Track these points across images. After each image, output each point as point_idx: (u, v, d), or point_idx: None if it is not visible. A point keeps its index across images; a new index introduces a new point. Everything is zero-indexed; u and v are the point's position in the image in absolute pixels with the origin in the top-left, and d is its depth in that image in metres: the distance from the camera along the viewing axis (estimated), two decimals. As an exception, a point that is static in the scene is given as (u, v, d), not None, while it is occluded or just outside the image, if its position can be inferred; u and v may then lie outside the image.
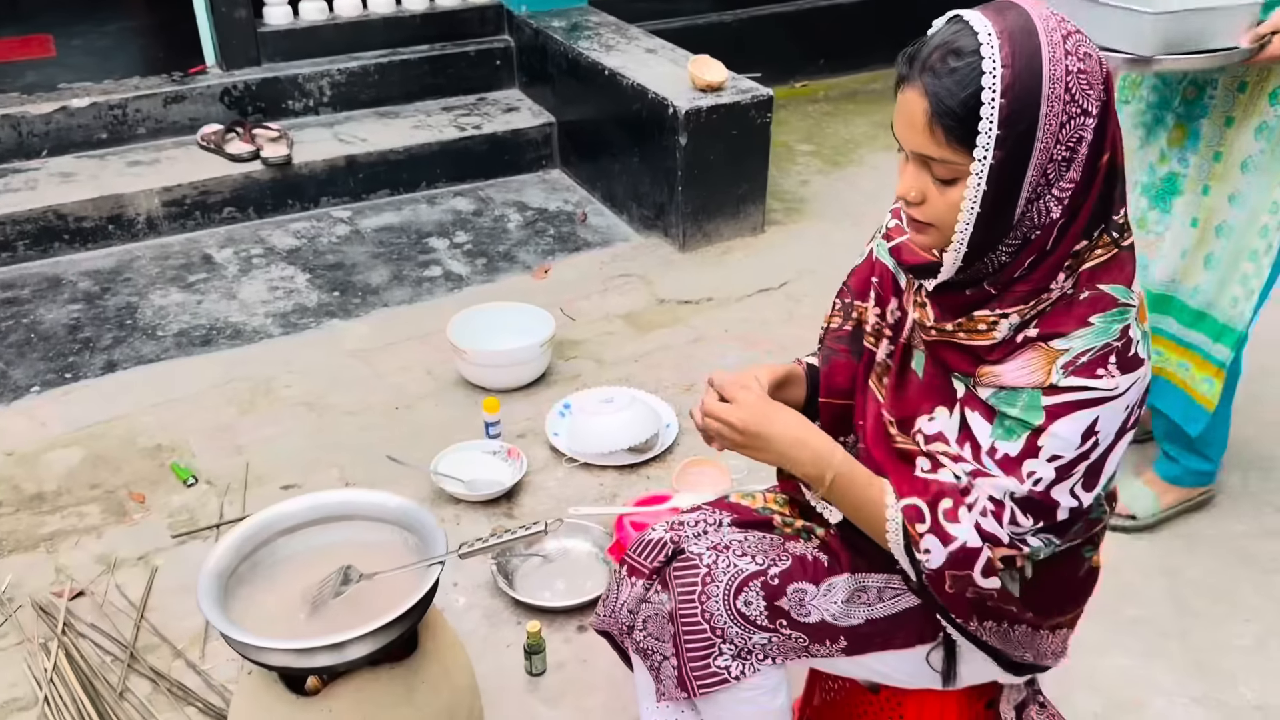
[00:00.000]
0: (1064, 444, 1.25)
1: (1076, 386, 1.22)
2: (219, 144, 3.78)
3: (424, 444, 2.66)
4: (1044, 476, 1.26)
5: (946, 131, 1.18)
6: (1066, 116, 1.16)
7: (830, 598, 1.46)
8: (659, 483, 2.55)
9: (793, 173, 4.18)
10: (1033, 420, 1.25)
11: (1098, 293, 1.24)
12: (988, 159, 1.17)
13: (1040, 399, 1.24)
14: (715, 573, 1.46)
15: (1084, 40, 1.18)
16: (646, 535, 1.59)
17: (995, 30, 1.16)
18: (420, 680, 1.64)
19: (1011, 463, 1.27)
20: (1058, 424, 1.24)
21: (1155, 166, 2.26)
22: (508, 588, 2.20)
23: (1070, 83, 1.16)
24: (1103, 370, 1.22)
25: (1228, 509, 2.48)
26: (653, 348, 3.08)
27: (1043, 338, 1.25)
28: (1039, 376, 1.24)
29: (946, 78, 1.17)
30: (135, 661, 2.08)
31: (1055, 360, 1.23)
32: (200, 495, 2.53)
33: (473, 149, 4.08)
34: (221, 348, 3.11)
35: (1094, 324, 1.23)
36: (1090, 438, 1.24)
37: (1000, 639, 1.44)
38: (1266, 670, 2.08)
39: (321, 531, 1.73)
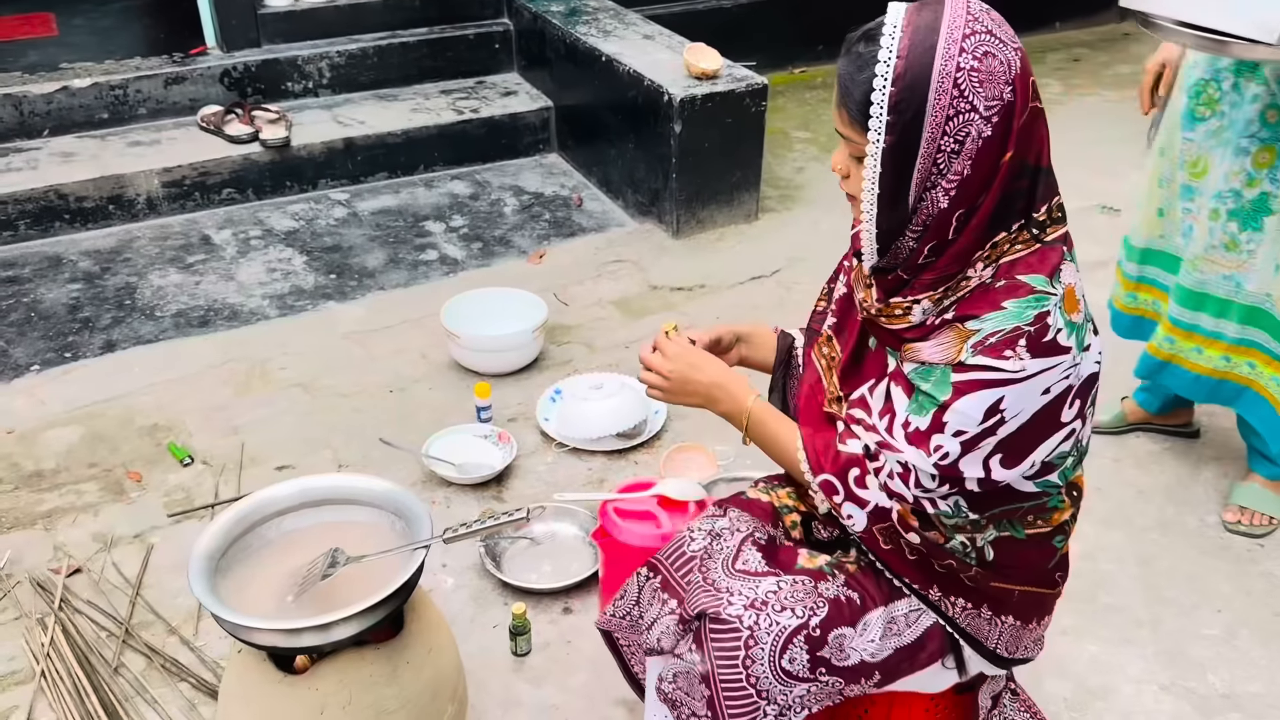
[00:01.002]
0: (966, 419, 1.30)
1: (982, 365, 1.28)
2: (218, 125, 3.81)
3: (417, 427, 2.71)
4: (950, 451, 1.33)
5: (849, 112, 1.28)
6: (954, 110, 1.21)
7: (867, 636, 1.48)
8: (646, 468, 2.59)
9: (788, 160, 4.20)
10: (940, 395, 1.31)
11: (1014, 282, 1.28)
12: (880, 142, 1.24)
13: (950, 375, 1.31)
14: (758, 634, 1.43)
15: (990, 42, 1.22)
16: (685, 548, 1.59)
17: (903, 23, 1.23)
18: (404, 660, 1.69)
19: (920, 436, 1.34)
20: (962, 400, 1.30)
21: (1243, 191, 2.23)
22: (495, 570, 2.25)
23: (960, 79, 1.20)
24: (1010, 352, 1.27)
25: (1204, 499, 2.52)
26: (644, 334, 3.12)
27: (958, 319, 1.31)
28: (951, 354, 1.31)
29: (853, 62, 1.27)
30: (130, 638, 2.13)
31: (967, 339, 1.29)
32: (196, 475, 2.58)
33: (470, 132, 4.10)
34: (219, 329, 3.15)
35: (1006, 308, 1.27)
36: (994, 415, 1.29)
37: (972, 622, 1.49)
38: (1234, 660, 2.13)
39: (311, 514, 1.78)
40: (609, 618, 1.70)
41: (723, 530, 1.62)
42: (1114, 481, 2.58)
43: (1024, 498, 1.40)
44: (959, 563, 1.45)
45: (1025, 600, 1.52)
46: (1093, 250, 3.59)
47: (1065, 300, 1.28)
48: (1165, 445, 2.69)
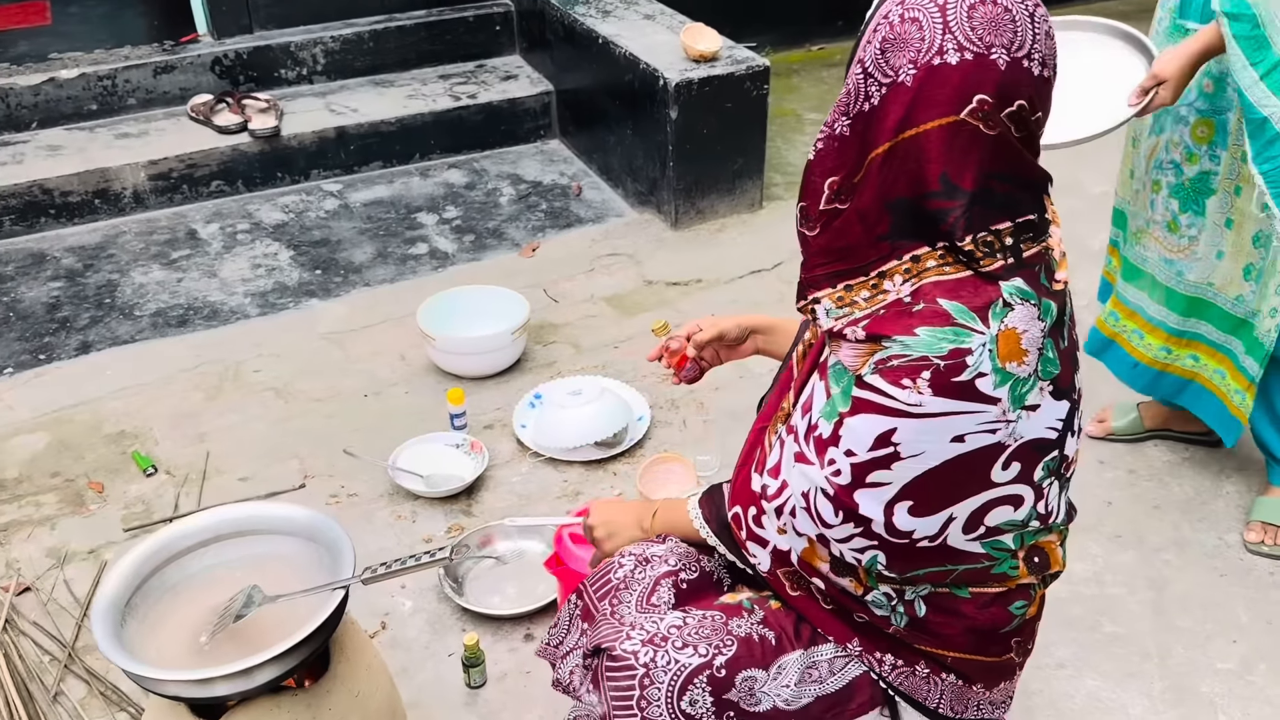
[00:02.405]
0: (856, 440, 1.16)
1: (875, 388, 1.13)
2: (208, 115, 3.71)
3: (389, 434, 2.59)
4: (842, 469, 1.18)
5: None
6: (861, 54, 1.10)
7: (781, 681, 1.35)
8: (625, 479, 2.45)
9: (799, 144, 4.02)
10: (841, 406, 1.17)
11: (932, 307, 1.11)
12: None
13: (853, 386, 1.16)
14: (654, 672, 1.32)
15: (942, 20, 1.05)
16: (611, 575, 1.49)
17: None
18: (326, 707, 1.57)
19: (821, 444, 1.20)
20: (856, 417, 1.15)
21: (1182, 166, 2.12)
22: (454, 594, 2.13)
23: (868, 53, 1.09)
24: (908, 381, 1.11)
25: (1225, 516, 2.34)
26: (634, 332, 2.98)
27: (870, 337, 1.15)
28: (857, 364, 1.16)
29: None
30: (73, 662, 2.05)
31: (872, 355, 1.14)
32: (158, 486, 2.48)
33: (468, 119, 3.97)
34: (197, 328, 3.06)
35: (918, 334, 1.11)
36: (885, 445, 1.14)
37: (905, 681, 1.34)
38: (1249, 698, 1.95)
39: (229, 547, 1.66)
40: (544, 646, 1.60)
41: (653, 557, 1.51)
42: (1127, 495, 2.40)
43: (963, 557, 1.23)
44: (876, 617, 1.31)
45: (966, 664, 1.35)
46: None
47: (999, 343, 1.10)
48: (1185, 455, 2.50)
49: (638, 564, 1.51)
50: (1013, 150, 1.08)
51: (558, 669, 1.51)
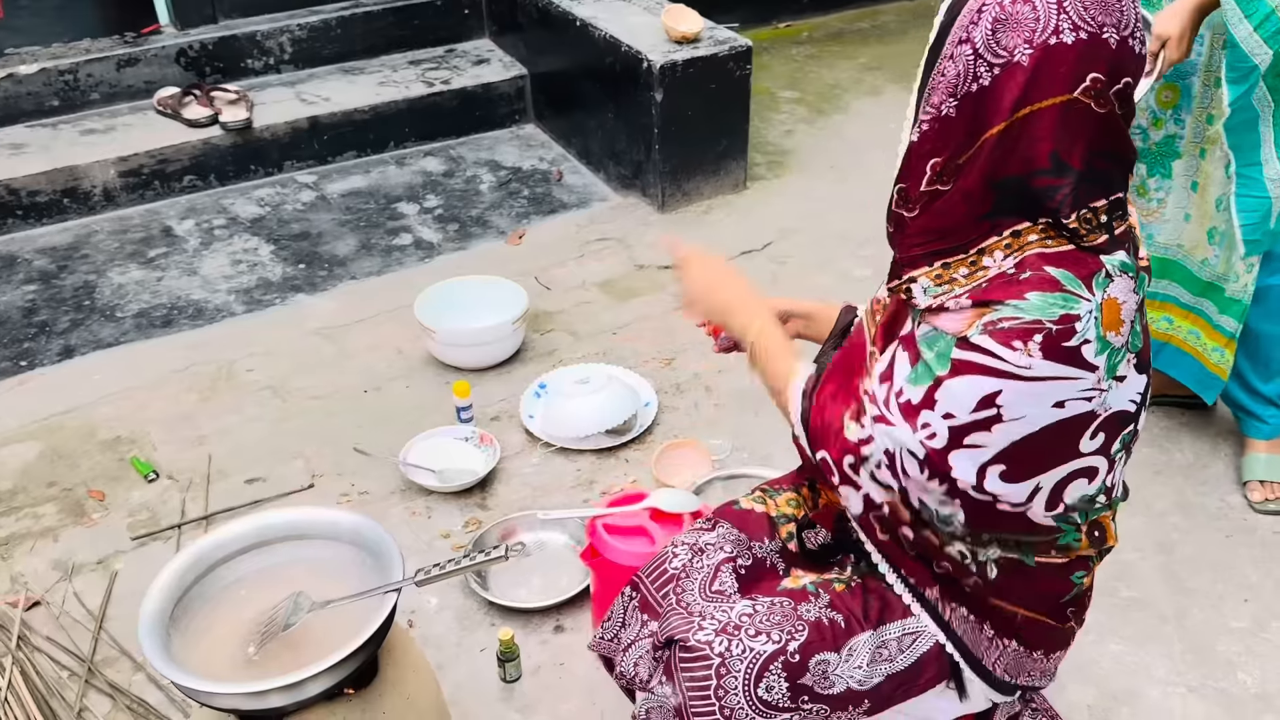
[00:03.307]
0: (957, 403, 1.16)
1: (983, 348, 1.13)
2: (176, 109, 3.62)
3: (394, 429, 2.56)
4: (937, 431, 1.18)
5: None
6: (964, 35, 1.09)
7: (853, 663, 1.36)
8: (638, 466, 2.45)
9: (776, 122, 4.02)
10: (938, 369, 1.17)
11: (1041, 274, 1.13)
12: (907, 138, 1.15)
13: (952, 349, 1.16)
14: (730, 661, 1.33)
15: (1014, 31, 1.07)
16: (666, 565, 1.50)
17: None
18: (380, 711, 1.56)
19: (911, 410, 1.20)
20: (957, 380, 1.15)
21: (1149, 131, 2.16)
22: (480, 588, 2.11)
23: (977, 33, 1.08)
24: (1019, 344, 1.12)
25: (1225, 478, 2.40)
26: (631, 318, 2.97)
27: (976, 304, 1.16)
28: (962, 327, 1.16)
29: None
30: (93, 676, 2.00)
31: (981, 318, 1.15)
32: (162, 491, 2.43)
33: (442, 105, 3.91)
34: (183, 328, 2.99)
35: (1029, 299, 1.12)
36: (988, 407, 1.15)
37: (971, 636, 1.37)
38: (1265, 654, 2.01)
39: (270, 553, 1.64)
40: (599, 640, 1.60)
41: (707, 545, 1.52)
42: (1130, 462, 2.44)
43: (1033, 528, 1.26)
44: (957, 567, 1.33)
45: (1032, 627, 1.38)
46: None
47: (1104, 312, 1.13)
48: (1181, 420, 2.55)
49: (693, 554, 1.51)
50: (1117, 128, 1.10)
51: (620, 662, 1.50)
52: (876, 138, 3.89)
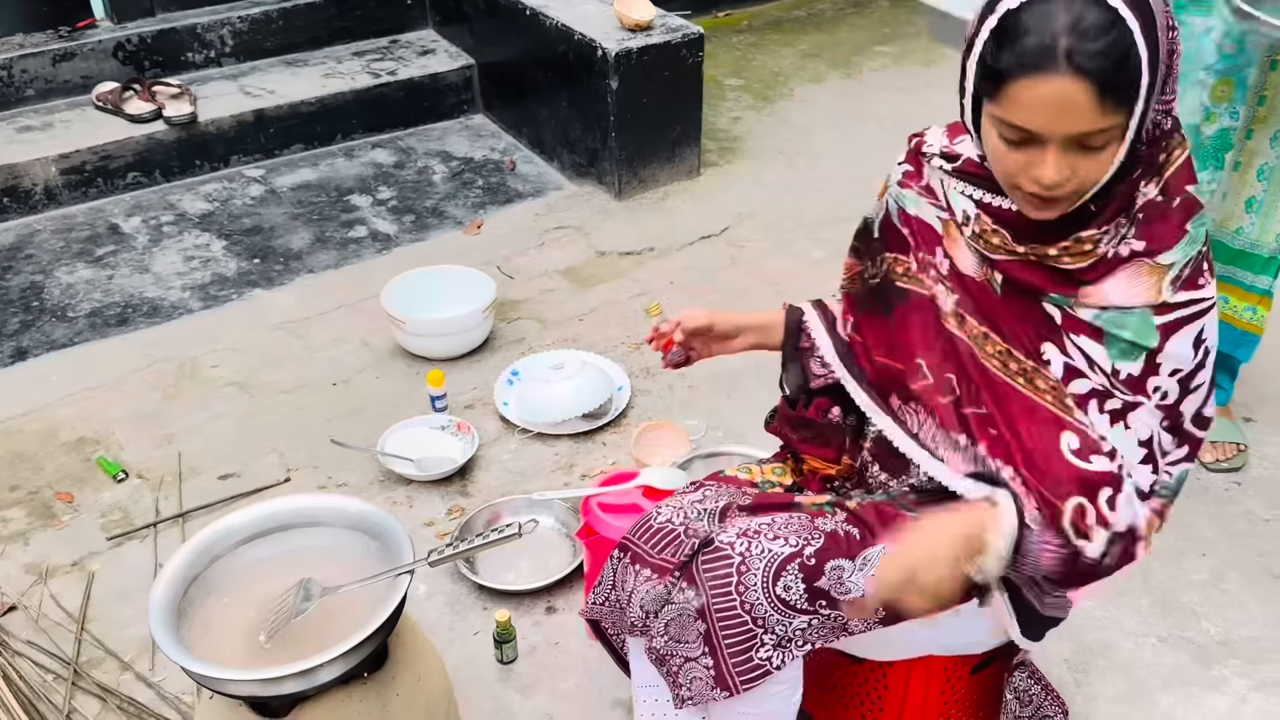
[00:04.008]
0: (1181, 359, 1.27)
1: (1186, 301, 1.24)
2: (117, 104, 3.53)
3: (367, 421, 2.56)
4: (1169, 390, 1.28)
5: (1115, 102, 1.15)
6: (1169, 41, 1.18)
7: (867, 571, 1.41)
8: (616, 449, 2.48)
9: (723, 110, 4.07)
10: (1148, 342, 1.26)
11: (1186, 196, 1.25)
12: (1140, 107, 1.17)
13: (1151, 319, 1.25)
14: (750, 560, 1.40)
15: None
16: (652, 521, 1.53)
17: None
18: (394, 693, 1.57)
19: (1136, 382, 1.28)
20: (1171, 342, 1.26)
21: (1201, 127, 2.17)
22: (470, 573, 2.12)
23: (1167, 9, 1.17)
24: (1203, 279, 1.25)
25: (1178, 441, 2.51)
26: (597, 304, 2.99)
27: (1148, 252, 1.25)
28: (1150, 295, 1.25)
29: (1100, 57, 1.12)
30: (80, 678, 1.97)
31: (1164, 276, 1.24)
32: (132, 491, 2.39)
33: (389, 96, 3.88)
34: (139, 326, 2.93)
35: (1189, 231, 1.24)
36: (1200, 347, 1.27)
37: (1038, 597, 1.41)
38: (1225, 604, 2.12)
39: (274, 542, 1.63)
40: (591, 605, 1.63)
41: (691, 504, 1.56)
42: (1087, 428, 2.55)
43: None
44: None
45: None
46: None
47: None
48: (1133, 387, 2.67)
49: (675, 510, 1.55)
50: None
51: (628, 613, 1.53)
52: (822, 122, 3.98)
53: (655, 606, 1.48)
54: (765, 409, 1.72)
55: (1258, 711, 1.92)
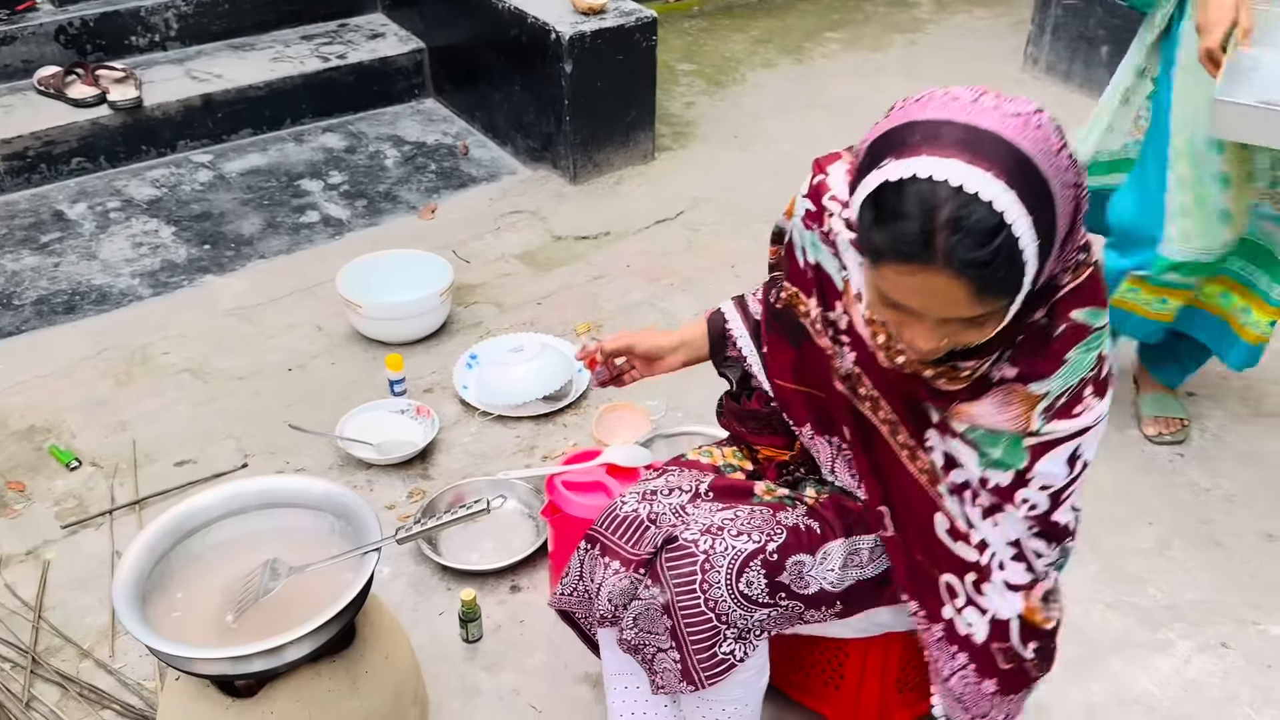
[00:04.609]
0: (1052, 476, 1.26)
1: (1054, 432, 1.22)
2: (59, 88, 3.46)
3: (324, 406, 2.54)
4: (1038, 503, 1.29)
5: (998, 295, 1.09)
6: (1072, 204, 1.12)
7: (827, 565, 1.46)
8: (577, 430, 2.50)
9: (676, 94, 4.09)
10: (1016, 463, 1.26)
11: (1073, 324, 1.20)
12: (1028, 288, 1.11)
13: (1022, 442, 1.24)
14: (714, 558, 1.42)
15: (1046, 118, 1.11)
16: (618, 510, 1.54)
17: (1000, 182, 1.04)
18: (363, 670, 1.58)
19: (1004, 491, 1.29)
20: (1042, 463, 1.25)
21: None
22: (433, 554, 2.13)
23: (1067, 176, 1.10)
24: (1080, 407, 1.21)
25: (1122, 415, 2.58)
26: (554, 288, 3.00)
27: (1020, 379, 1.21)
28: (1019, 424, 1.23)
29: (981, 264, 1.05)
30: (39, 666, 1.94)
31: (1035, 406, 1.21)
32: (86, 479, 2.36)
33: (339, 80, 3.84)
34: (88, 314, 2.89)
35: (1070, 359, 1.19)
36: (1076, 462, 1.26)
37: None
38: (1170, 570, 2.19)
39: (241, 522, 1.63)
40: (559, 596, 1.65)
41: (657, 489, 1.58)
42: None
43: None
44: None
45: None
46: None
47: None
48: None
49: (641, 500, 1.56)
50: None
51: (596, 606, 1.55)
52: (774, 107, 4.01)
53: (623, 600, 1.49)
54: (724, 389, 1.74)
55: (1200, 670, 1.99)
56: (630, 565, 1.48)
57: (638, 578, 1.47)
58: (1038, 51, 4.23)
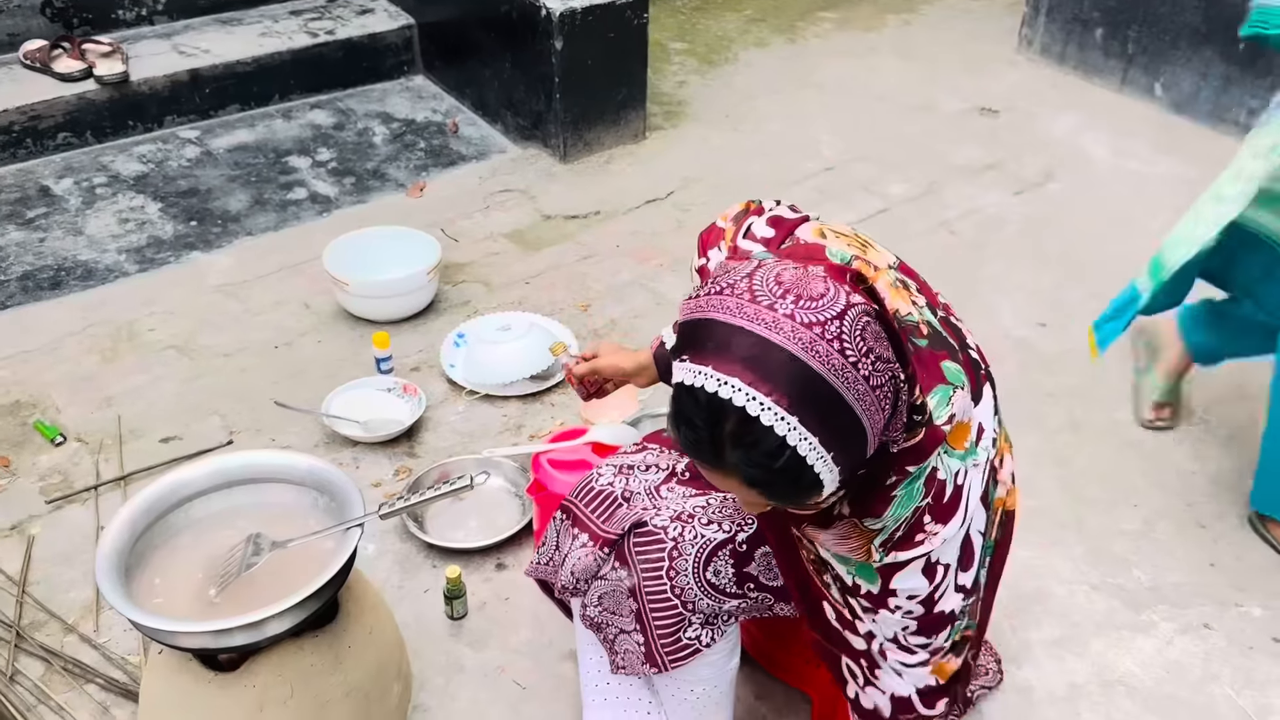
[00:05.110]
0: (913, 589, 1.28)
1: (897, 561, 1.24)
2: (45, 62, 3.43)
3: (310, 384, 2.53)
4: (913, 609, 1.30)
5: (792, 501, 1.16)
6: (884, 400, 1.10)
7: None
8: (565, 409, 2.49)
9: (669, 74, 4.07)
10: (869, 582, 1.28)
11: (903, 473, 1.20)
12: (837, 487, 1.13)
13: (870, 567, 1.26)
14: (682, 545, 1.42)
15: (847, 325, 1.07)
16: (594, 484, 1.54)
17: (779, 408, 1.04)
18: (346, 645, 1.58)
19: (876, 599, 1.30)
20: (895, 581, 1.27)
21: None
22: (419, 531, 2.13)
23: (873, 380, 1.08)
24: (921, 535, 1.22)
25: (1114, 398, 2.58)
26: (543, 267, 2.99)
27: (856, 514, 1.23)
28: (860, 555, 1.25)
29: (767, 480, 1.10)
30: (23, 641, 1.94)
31: (872, 540, 1.23)
32: (71, 454, 2.35)
33: (328, 56, 3.82)
34: (73, 290, 2.87)
35: (898, 495, 1.19)
36: (934, 570, 1.27)
37: None
38: (1154, 553, 2.20)
39: (224, 497, 1.62)
40: (535, 565, 1.65)
41: (635, 464, 1.59)
42: (1022, 386, 2.61)
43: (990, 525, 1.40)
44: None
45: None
46: (976, 153, 3.62)
47: (952, 438, 1.21)
48: (1069, 346, 2.73)
49: (618, 473, 1.57)
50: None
51: (560, 576, 1.55)
52: (766, 87, 3.99)
53: (586, 575, 1.50)
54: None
55: (1182, 652, 2.00)
56: (598, 542, 1.49)
57: (603, 556, 1.48)
58: (1032, 33, 4.22)
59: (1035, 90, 4.02)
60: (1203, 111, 3.74)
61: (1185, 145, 3.63)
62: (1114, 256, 3.00)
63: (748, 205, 1.48)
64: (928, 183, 3.44)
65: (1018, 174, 3.51)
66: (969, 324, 1.40)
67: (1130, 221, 3.22)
